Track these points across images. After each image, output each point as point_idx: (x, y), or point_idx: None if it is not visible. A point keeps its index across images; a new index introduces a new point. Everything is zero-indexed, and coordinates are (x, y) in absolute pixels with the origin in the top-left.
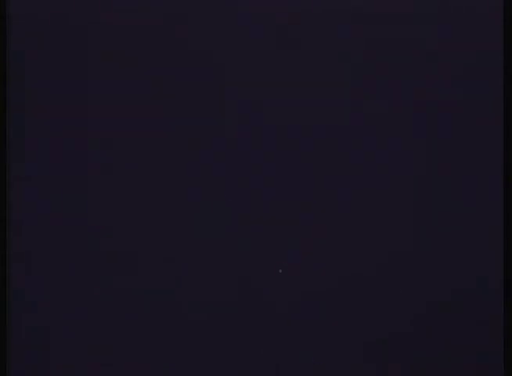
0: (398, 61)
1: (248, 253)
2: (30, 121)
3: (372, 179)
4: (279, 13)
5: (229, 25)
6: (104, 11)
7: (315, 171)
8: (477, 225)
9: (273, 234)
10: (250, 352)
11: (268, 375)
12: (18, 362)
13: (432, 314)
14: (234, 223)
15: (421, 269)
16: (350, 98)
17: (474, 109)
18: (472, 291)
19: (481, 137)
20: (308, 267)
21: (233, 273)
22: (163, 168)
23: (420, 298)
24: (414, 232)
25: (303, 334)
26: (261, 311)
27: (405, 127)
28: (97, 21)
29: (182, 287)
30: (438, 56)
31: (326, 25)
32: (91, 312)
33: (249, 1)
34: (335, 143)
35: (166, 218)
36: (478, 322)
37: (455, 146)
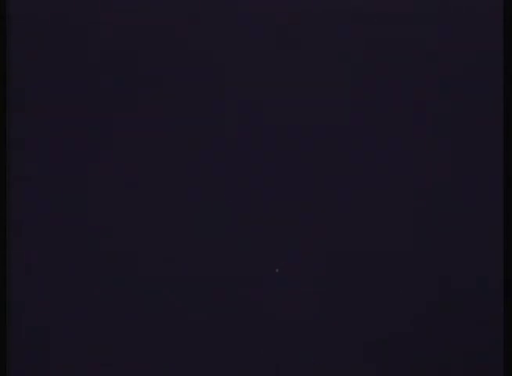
0: (398, 61)
1: (248, 253)
2: (30, 121)
3: (372, 179)
4: (279, 13)
5: (229, 25)
6: (104, 11)
7: (315, 171)
8: (477, 225)
9: (273, 234)
10: (250, 352)
11: (268, 375)
12: (18, 362)
13: (432, 314)
14: (234, 223)
15: (421, 269)
16: (350, 98)
17: (474, 109)
18: (472, 291)
19: (481, 137)
20: (308, 267)
21: (233, 273)
22: (163, 168)
23: (420, 298)
24: (414, 232)
25: (303, 334)
26: (261, 311)
27: (405, 127)
28: (97, 21)
29: (182, 287)
30: (438, 56)
31: (326, 25)
32: (91, 312)
33: (249, 1)
34: (335, 143)
35: (166, 218)
36: (478, 322)
37: (455, 146)
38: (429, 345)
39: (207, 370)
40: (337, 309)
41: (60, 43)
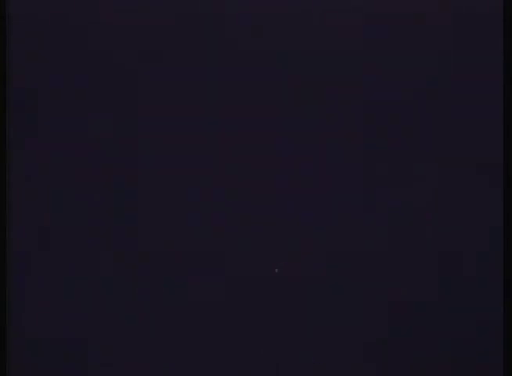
0: (398, 61)
1: (248, 253)
2: (30, 121)
3: (372, 179)
4: (279, 13)
5: (229, 25)
6: (104, 11)
7: (315, 170)
8: (477, 225)
9: (273, 234)
10: (250, 352)
11: (268, 375)
12: (18, 362)
13: (432, 314)
14: (234, 223)
15: (421, 269)
16: (349, 98)
17: (474, 109)
18: (472, 291)
19: (481, 137)
20: (308, 267)
21: (233, 273)
22: (162, 168)
23: (420, 298)
24: (414, 232)
25: (303, 334)
26: (261, 311)
27: (405, 127)
28: (97, 21)
29: (182, 288)
30: (438, 56)
31: (325, 25)
32: (91, 312)
33: (249, 2)
34: (335, 143)
35: (166, 218)
36: (478, 322)
37: (455, 146)
38: (429, 345)
39: (207, 370)
40: (337, 309)
41: (60, 43)
